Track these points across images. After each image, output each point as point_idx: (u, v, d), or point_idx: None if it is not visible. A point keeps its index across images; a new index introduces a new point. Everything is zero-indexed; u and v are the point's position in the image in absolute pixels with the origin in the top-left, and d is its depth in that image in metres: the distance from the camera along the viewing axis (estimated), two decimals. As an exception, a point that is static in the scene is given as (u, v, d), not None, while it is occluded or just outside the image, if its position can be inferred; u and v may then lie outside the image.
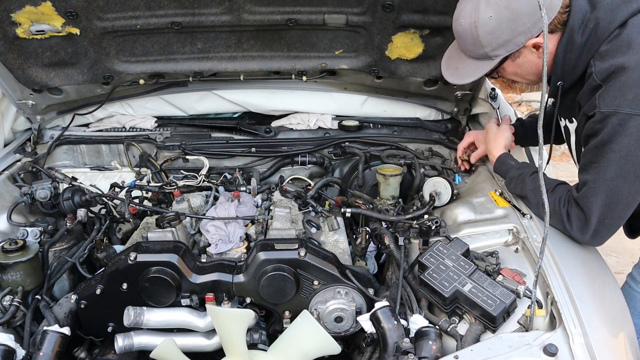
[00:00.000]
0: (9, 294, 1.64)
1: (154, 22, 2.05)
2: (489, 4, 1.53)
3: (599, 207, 1.49)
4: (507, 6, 1.51)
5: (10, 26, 1.97)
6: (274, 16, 2.05)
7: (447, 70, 1.76)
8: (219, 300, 1.64)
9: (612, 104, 1.43)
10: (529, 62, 1.63)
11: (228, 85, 2.51)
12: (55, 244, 1.86)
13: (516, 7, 1.51)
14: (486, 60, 1.63)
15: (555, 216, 1.59)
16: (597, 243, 1.58)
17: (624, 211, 1.51)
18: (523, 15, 1.51)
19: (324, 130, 2.59)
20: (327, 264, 1.63)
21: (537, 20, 1.52)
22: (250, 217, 1.95)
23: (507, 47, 1.58)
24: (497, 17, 1.53)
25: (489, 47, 1.59)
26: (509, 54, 1.60)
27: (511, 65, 1.66)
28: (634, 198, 1.49)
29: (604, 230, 1.53)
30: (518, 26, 1.53)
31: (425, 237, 1.75)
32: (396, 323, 1.44)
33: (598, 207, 1.49)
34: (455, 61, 1.73)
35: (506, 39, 1.56)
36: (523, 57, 1.62)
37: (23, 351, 1.49)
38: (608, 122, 1.43)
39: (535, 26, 1.53)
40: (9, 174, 2.23)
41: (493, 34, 1.56)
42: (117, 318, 1.62)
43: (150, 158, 2.47)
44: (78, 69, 2.23)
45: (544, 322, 1.39)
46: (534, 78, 1.71)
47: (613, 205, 1.49)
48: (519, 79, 1.74)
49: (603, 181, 1.47)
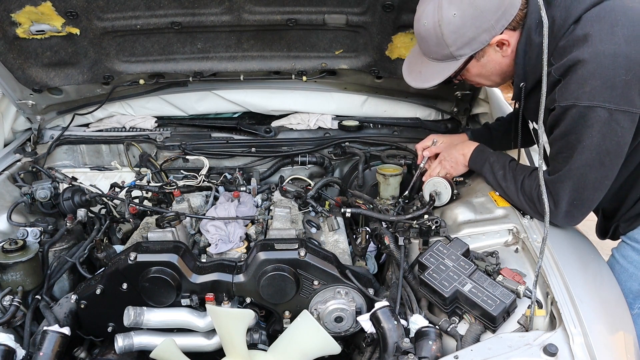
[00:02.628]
0: (9, 294, 1.64)
1: (154, 22, 2.05)
2: (452, 2, 1.52)
3: (567, 192, 1.55)
4: (471, 3, 1.50)
5: (10, 26, 1.97)
6: (274, 16, 2.05)
7: (410, 75, 1.74)
8: (219, 300, 1.64)
9: (570, 97, 1.44)
10: (493, 62, 1.63)
11: (228, 85, 2.51)
12: (55, 244, 1.86)
13: (480, 4, 1.50)
14: (451, 61, 1.61)
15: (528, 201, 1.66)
16: (571, 223, 1.65)
17: (592, 194, 1.55)
18: (487, 12, 1.50)
19: (324, 130, 2.59)
20: (327, 264, 1.63)
21: (500, 16, 1.52)
22: (250, 217, 1.95)
23: (472, 45, 1.56)
24: (461, 15, 1.51)
25: (454, 47, 1.57)
26: (474, 53, 1.59)
27: (475, 66, 1.64)
28: (601, 182, 1.53)
29: (575, 211, 1.58)
30: (482, 23, 1.52)
31: (425, 237, 1.75)
32: (396, 323, 1.44)
33: (567, 192, 1.55)
34: (418, 65, 1.70)
35: (471, 36, 1.54)
36: (487, 57, 1.61)
37: (23, 351, 1.49)
38: (568, 114, 1.46)
39: (499, 23, 1.53)
40: (9, 174, 2.23)
41: (457, 32, 1.54)
42: (117, 318, 1.62)
43: (150, 158, 2.47)
44: (78, 69, 2.23)
45: (544, 322, 1.39)
46: (498, 79, 1.71)
47: (581, 190, 1.54)
48: (482, 80, 1.72)
49: (569, 170, 1.52)
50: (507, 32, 1.56)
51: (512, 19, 1.53)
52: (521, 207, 1.71)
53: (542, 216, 1.53)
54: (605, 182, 1.53)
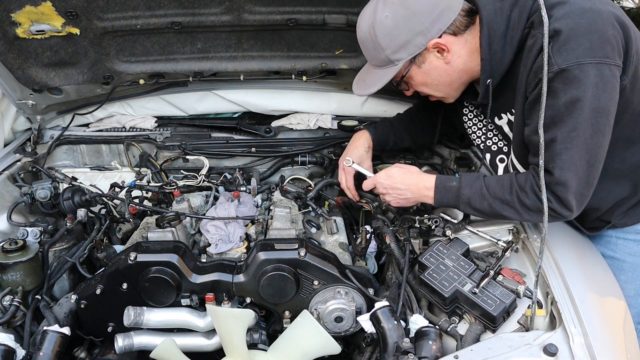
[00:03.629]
0: (9, 294, 1.64)
1: (154, 22, 2.05)
2: (386, 4, 1.50)
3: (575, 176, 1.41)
4: (402, 4, 1.48)
5: (10, 26, 1.96)
6: (274, 16, 2.05)
7: (357, 83, 1.72)
8: (219, 300, 1.64)
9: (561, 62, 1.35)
10: (436, 69, 1.58)
11: (228, 85, 2.50)
12: (55, 244, 1.85)
13: (412, 5, 1.47)
14: (389, 67, 1.57)
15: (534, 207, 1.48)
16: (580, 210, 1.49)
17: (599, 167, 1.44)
18: (419, 13, 1.48)
19: (324, 130, 2.59)
20: (327, 264, 1.63)
21: (436, 18, 1.49)
22: (250, 217, 1.95)
23: (408, 49, 1.53)
24: (393, 17, 1.49)
25: (389, 50, 1.54)
26: (413, 58, 1.55)
27: (418, 73, 1.60)
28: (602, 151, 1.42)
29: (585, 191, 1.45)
30: (415, 25, 1.49)
31: (425, 237, 1.75)
32: (396, 323, 1.44)
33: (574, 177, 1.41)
34: (365, 74, 1.69)
35: (405, 39, 1.51)
36: (429, 63, 1.57)
37: (23, 351, 1.49)
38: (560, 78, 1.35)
39: (434, 26, 1.49)
40: (9, 174, 2.23)
41: (390, 34, 1.51)
42: (117, 318, 1.62)
43: (150, 158, 2.47)
44: (78, 69, 2.23)
45: (544, 322, 1.39)
46: (446, 89, 1.65)
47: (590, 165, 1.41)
48: (429, 90, 1.67)
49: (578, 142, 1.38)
50: (447, 36, 1.52)
51: (450, 23, 1.51)
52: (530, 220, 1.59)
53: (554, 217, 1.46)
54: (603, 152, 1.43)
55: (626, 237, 1.72)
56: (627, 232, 1.71)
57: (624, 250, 1.73)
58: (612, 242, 1.74)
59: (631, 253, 1.72)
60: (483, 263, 1.55)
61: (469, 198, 1.57)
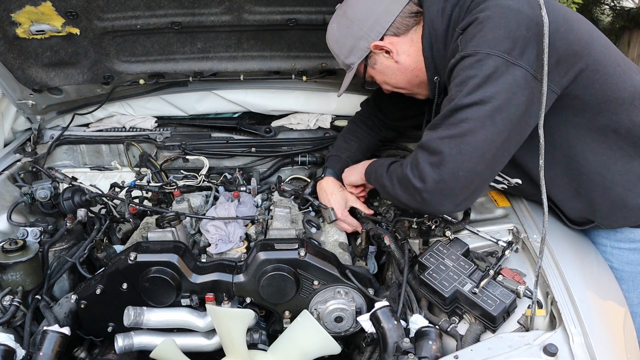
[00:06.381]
0: (9, 294, 1.64)
1: (154, 22, 2.05)
2: (335, 16, 1.69)
3: (445, 155, 1.38)
4: (344, 14, 1.65)
5: (10, 26, 1.97)
6: (274, 16, 2.05)
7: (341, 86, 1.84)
8: (219, 300, 1.64)
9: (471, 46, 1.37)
10: (389, 69, 1.68)
11: (228, 85, 2.51)
12: (55, 244, 1.86)
13: (350, 15, 1.63)
14: (349, 70, 1.73)
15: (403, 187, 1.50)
16: (441, 203, 1.45)
17: (478, 159, 1.38)
18: (358, 21, 1.61)
19: (324, 130, 2.59)
20: (327, 264, 1.63)
21: (373, 24, 1.60)
22: (250, 217, 1.95)
23: (356, 53, 1.66)
24: (338, 26, 1.67)
25: (342, 56, 1.70)
26: (364, 61, 1.67)
27: (375, 73, 1.72)
28: (490, 144, 1.37)
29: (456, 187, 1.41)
30: (356, 31, 1.62)
31: (425, 237, 1.75)
32: (396, 323, 1.44)
33: (445, 155, 1.38)
34: None
35: (350, 45, 1.65)
36: (380, 64, 1.68)
37: (23, 351, 1.49)
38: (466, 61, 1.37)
39: (373, 30, 1.60)
40: (9, 174, 2.23)
41: (339, 42, 1.69)
42: (117, 318, 1.62)
43: (150, 158, 2.47)
44: (78, 69, 2.23)
45: (544, 322, 1.39)
46: (408, 86, 1.73)
47: (464, 152, 1.37)
48: (391, 87, 1.78)
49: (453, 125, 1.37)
50: (390, 38, 1.61)
51: (388, 25, 1.59)
52: (402, 200, 1.54)
53: (418, 203, 1.46)
54: (492, 147, 1.36)
55: (620, 246, 1.72)
56: (620, 241, 1.71)
57: (620, 259, 1.73)
58: (607, 252, 1.74)
59: (629, 262, 1.72)
60: (483, 263, 1.55)
61: (375, 170, 1.74)
